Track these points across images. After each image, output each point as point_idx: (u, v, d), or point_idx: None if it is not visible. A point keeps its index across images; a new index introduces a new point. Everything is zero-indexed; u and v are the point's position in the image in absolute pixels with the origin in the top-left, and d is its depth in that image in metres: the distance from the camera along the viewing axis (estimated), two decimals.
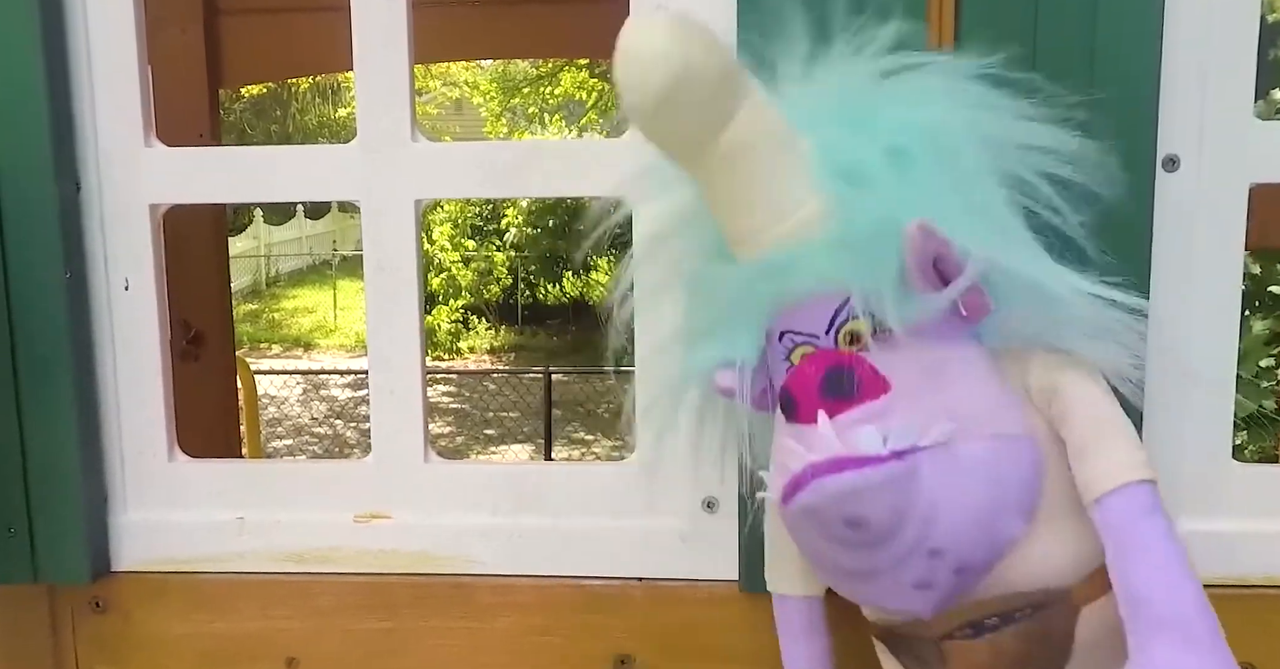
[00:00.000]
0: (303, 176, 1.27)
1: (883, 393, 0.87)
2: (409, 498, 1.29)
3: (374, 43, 1.23)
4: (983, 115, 0.92)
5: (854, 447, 0.85)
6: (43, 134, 1.21)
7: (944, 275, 0.86)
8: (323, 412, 9.87)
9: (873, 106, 0.91)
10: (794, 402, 0.90)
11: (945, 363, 0.89)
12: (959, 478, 0.86)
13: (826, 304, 0.89)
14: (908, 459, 0.85)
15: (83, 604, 1.32)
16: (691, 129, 0.86)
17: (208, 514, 1.31)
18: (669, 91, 0.82)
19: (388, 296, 1.27)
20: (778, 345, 0.93)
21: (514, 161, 1.24)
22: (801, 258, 0.88)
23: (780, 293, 0.91)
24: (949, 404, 0.88)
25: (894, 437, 0.85)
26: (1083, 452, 0.87)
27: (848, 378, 0.88)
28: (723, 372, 0.95)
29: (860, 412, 0.87)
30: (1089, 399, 0.89)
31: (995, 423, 0.89)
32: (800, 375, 0.90)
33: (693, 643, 1.26)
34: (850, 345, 0.89)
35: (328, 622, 1.30)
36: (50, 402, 1.24)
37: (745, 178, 0.88)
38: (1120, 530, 0.84)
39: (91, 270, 1.28)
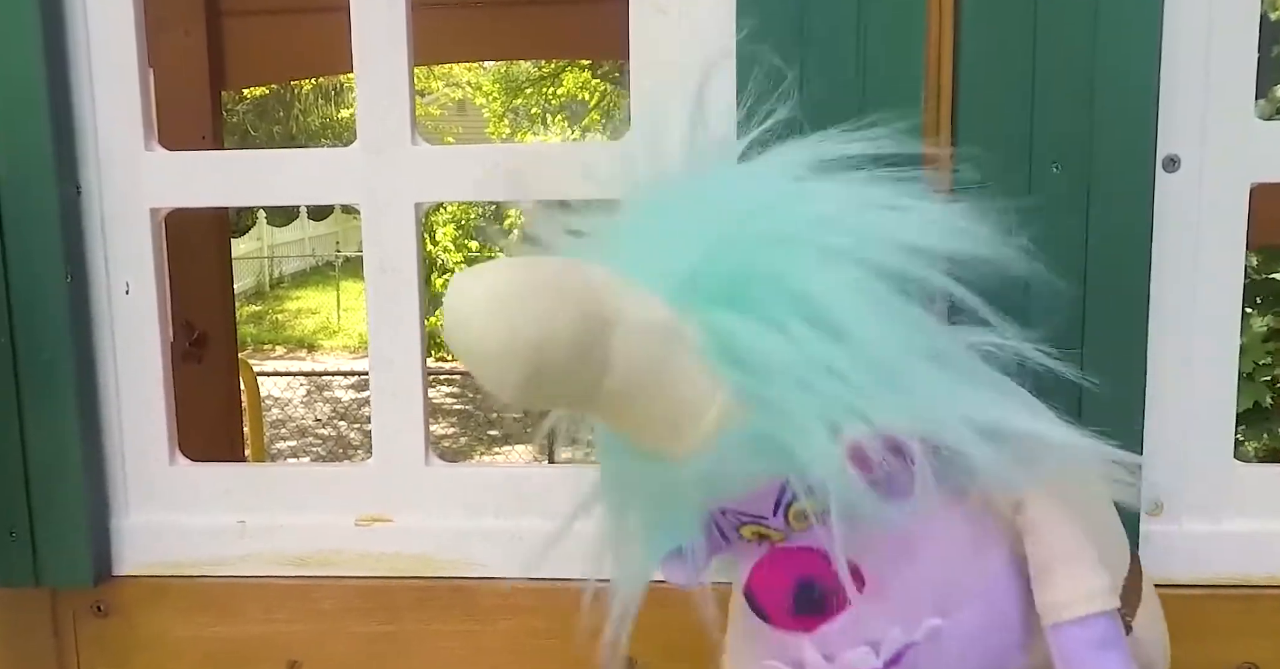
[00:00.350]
0: (303, 180, 1.27)
1: (848, 602, 0.82)
2: (410, 501, 1.29)
3: (374, 45, 1.23)
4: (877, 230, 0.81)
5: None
6: (43, 137, 1.22)
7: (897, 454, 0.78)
8: (326, 413, 9.88)
9: (749, 269, 0.80)
10: (764, 613, 0.87)
11: (908, 534, 0.82)
12: (954, 654, 0.83)
13: (768, 490, 0.83)
14: (903, 661, 0.82)
15: (85, 608, 1.32)
16: (570, 394, 0.76)
17: (209, 517, 1.31)
18: (525, 379, 0.70)
19: (389, 299, 1.27)
20: (720, 518, 0.87)
21: (515, 164, 1.24)
22: (726, 462, 0.79)
23: (713, 492, 0.84)
24: (927, 580, 0.83)
25: (886, 646, 0.82)
26: (1045, 573, 0.84)
27: (818, 592, 0.83)
28: (670, 565, 0.90)
29: (842, 622, 0.83)
30: (1052, 519, 0.85)
31: (977, 574, 0.85)
32: (765, 585, 0.86)
33: (696, 645, 1.26)
34: (801, 523, 0.83)
35: (330, 625, 1.30)
36: (51, 405, 1.25)
37: (642, 405, 0.78)
38: (1074, 663, 0.82)
39: (92, 274, 1.28)
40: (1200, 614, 1.15)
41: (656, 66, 1.19)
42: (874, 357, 0.77)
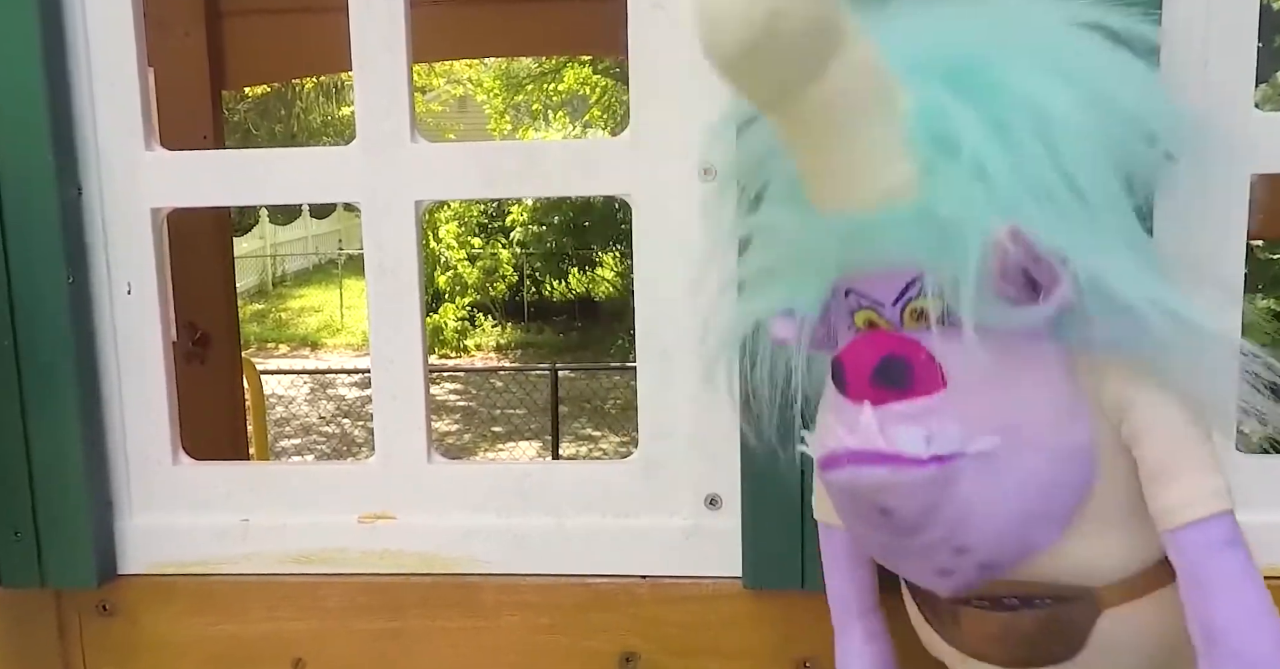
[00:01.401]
0: (303, 179, 1.28)
1: (937, 390, 0.83)
2: (413, 498, 1.29)
3: (373, 45, 1.23)
4: (1105, 86, 0.84)
5: (894, 443, 0.82)
6: (44, 139, 1.22)
7: (1033, 281, 0.80)
8: (330, 410, 9.89)
9: (986, 65, 0.83)
10: (844, 378, 0.86)
11: (1012, 362, 0.83)
12: (999, 487, 0.83)
13: (899, 276, 0.85)
14: (948, 464, 0.82)
15: (90, 608, 1.33)
16: (777, 80, 0.78)
17: (213, 517, 1.32)
18: (752, 41, 0.74)
19: (390, 298, 1.27)
20: (843, 300, 0.90)
21: (514, 162, 1.24)
22: (882, 226, 0.82)
23: (854, 255, 0.86)
24: (1006, 409, 0.84)
25: (937, 441, 0.82)
26: (1158, 477, 0.83)
27: (903, 369, 0.83)
28: (781, 320, 0.92)
29: (908, 405, 0.83)
30: (1166, 420, 0.84)
31: (1054, 432, 0.84)
32: (856, 353, 0.86)
33: (697, 640, 1.26)
34: (915, 322, 0.85)
35: (334, 622, 1.30)
36: (54, 406, 1.25)
37: (834, 134, 0.81)
38: (1199, 564, 0.82)
39: (93, 275, 1.28)
40: None
41: (655, 62, 1.19)
42: (1066, 183, 0.80)
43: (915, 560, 0.90)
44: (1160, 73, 0.90)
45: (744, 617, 1.25)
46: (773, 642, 1.23)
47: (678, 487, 1.25)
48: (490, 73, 14.88)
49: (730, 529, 1.23)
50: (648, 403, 1.25)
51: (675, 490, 1.25)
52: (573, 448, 8.77)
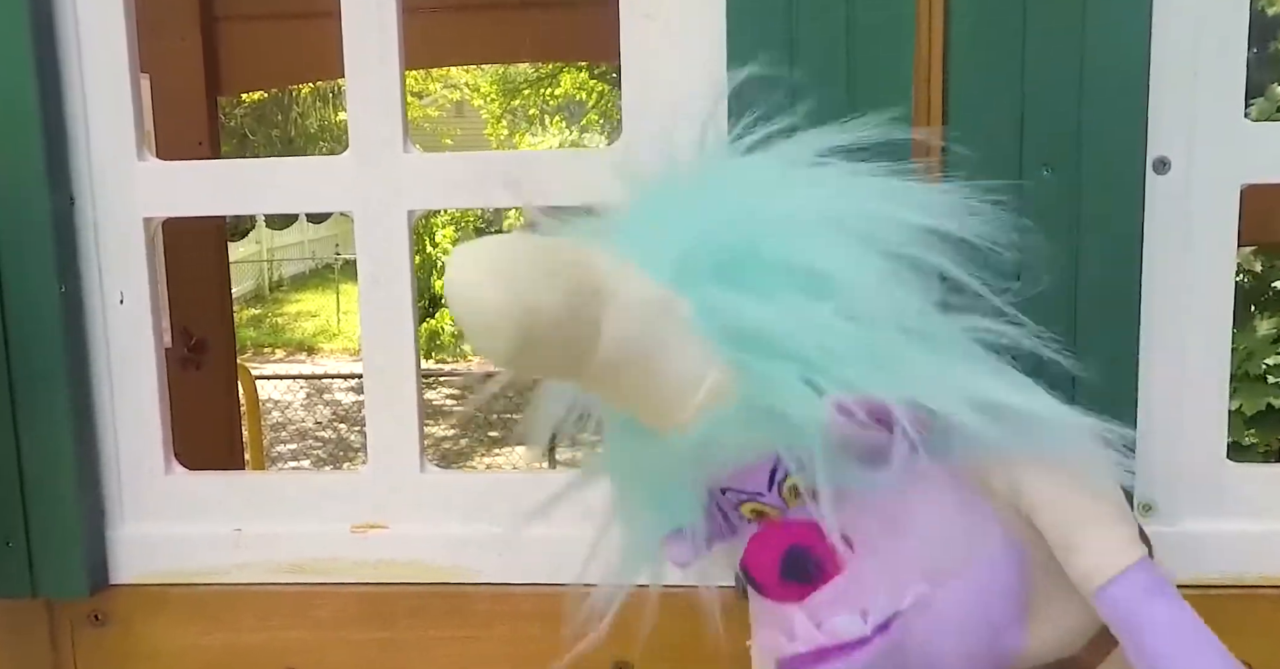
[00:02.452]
0: (295, 188, 1.28)
1: (840, 568, 0.84)
2: (406, 508, 1.29)
3: (365, 54, 1.23)
4: (873, 210, 0.84)
5: (835, 636, 0.83)
6: (36, 148, 1.22)
7: (881, 421, 0.80)
8: (327, 416, 9.88)
9: (749, 248, 0.83)
10: (757, 584, 0.88)
11: (899, 504, 0.84)
12: (947, 624, 0.84)
13: (761, 465, 0.85)
14: (893, 628, 0.83)
15: (82, 618, 1.33)
16: (559, 365, 0.79)
17: (205, 526, 1.31)
18: (517, 353, 0.74)
19: (382, 308, 1.27)
20: (723, 498, 0.89)
21: (506, 171, 1.24)
22: (719, 435, 0.81)
23: (709, 467, 0.86)
24: (917, 552, 0.84)
25: (874, 613, 0.83)
26: (1064, 546, 0.84)
27: (805, 560, 0.85)
28: (672, 543, 0.91)
29: (831, 590, 0.84)
30: (1053, 487, 0.85)
31: (968, 547, 0.85)
32: (756, 561, 0.88)
33: (692, 649, 1.26)
34: (796, 499, 0.85)
35: (326, 632, 1.30)
36: (46, 416, 1.25)
37: (634, 378, 0.81)
38: (1128, 619, 0.82)
39: (86, 284, 1.28)
40: None
41: (647, 72, 1.19)
42: (865, 328, 0.80)
43: None
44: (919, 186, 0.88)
45: (738, 626, 1.24)
46: None
47: None
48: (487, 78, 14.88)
49: None
50: None
51: None
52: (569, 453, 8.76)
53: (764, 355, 0.80)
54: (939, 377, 0.81)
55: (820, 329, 0.80)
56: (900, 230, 0.84)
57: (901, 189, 0.86)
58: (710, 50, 1.14)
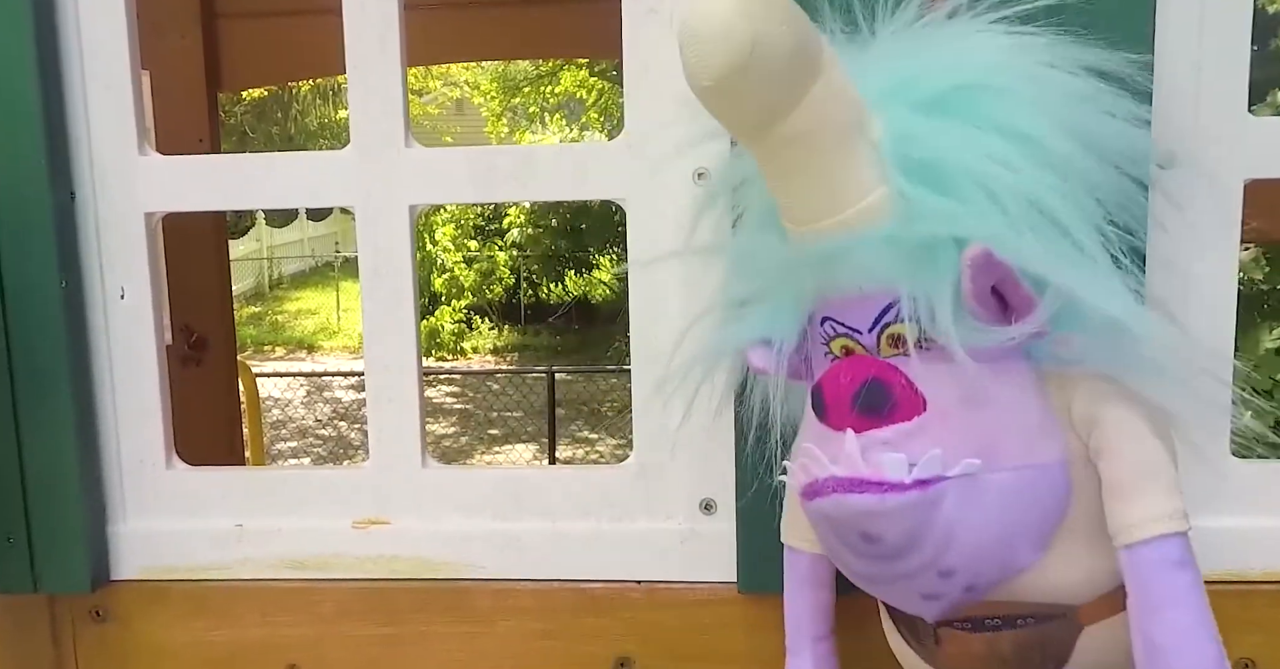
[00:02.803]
0: (297, 183, 1.27)
1: (917, 413, 0.84)
2: (407, 504, 1.29)
3: (367, 49, 1.23)
4: (1072, 111, 0.86)
5: (878, 470, 0.83)
6: (37, 143, 1.22)
7: (1005, 301, 0.82)
8: (327, 413, 9.88)
9: (959, 94, 0.85)
10: (824, 405, 0.87)
11: (986, 383, 0.84)
12: (981, 508, 0.84)
13: (874, 301, 0.86)
14: (931, 488, 0.82)
15: (83, 613, 1.33)
16: (755, 110, 0.80)
17: (207, 522, 1.31)
18: (732, 71, 0.76)
19: (384, 303, 1.27)
20: (819, 328, 0.90)
21: (508, 166, 1.24)
22: (855, 251, 0.84)
23: (829, 282, 0.87)
24: (983, 429, 0.84)
25: (921, 466, 0.82)
26: (1117, 493, 0.84)
27: (884, 394, 0.84)
28: (758, 349, 0.93)
29: (891, 431, 0.84)
30: (1132, 438, 0.85)
31: (1028, 451, 0.85)
32: (834, 380, 0.87)
33: (692, 644, 1.26)
34: (892, 348, 0.86)
35: (328, 628, 1.30)
36: (48, 411, 1.25)
37: (808, 161, 0.83)
38: (1148, 581, 0.82)
39: (87, 279, 1.28)
40: None
41: (649, 66, 1.19)
42: (1043, 200, 0.81)
43: (900, 586, 0.90)
44: (1146, 107, 0.90)
45: (739, 621, 1.25)
46: (767, 646, 1.23)
47: (672, 491, 1.25)
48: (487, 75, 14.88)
49: (725, 533, 1.23)
50: (642, 407, 1.24)
51: (670, 495, 1.25)
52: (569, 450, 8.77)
53: (934, 191, 0.81)
54: (1095, 278, 0.81)
55: (999, 187, 0.81)
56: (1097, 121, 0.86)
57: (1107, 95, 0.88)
58: None
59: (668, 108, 1.18)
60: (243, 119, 16.19)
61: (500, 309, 13.93)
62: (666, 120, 1.18)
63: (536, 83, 14.17)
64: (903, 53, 0.89)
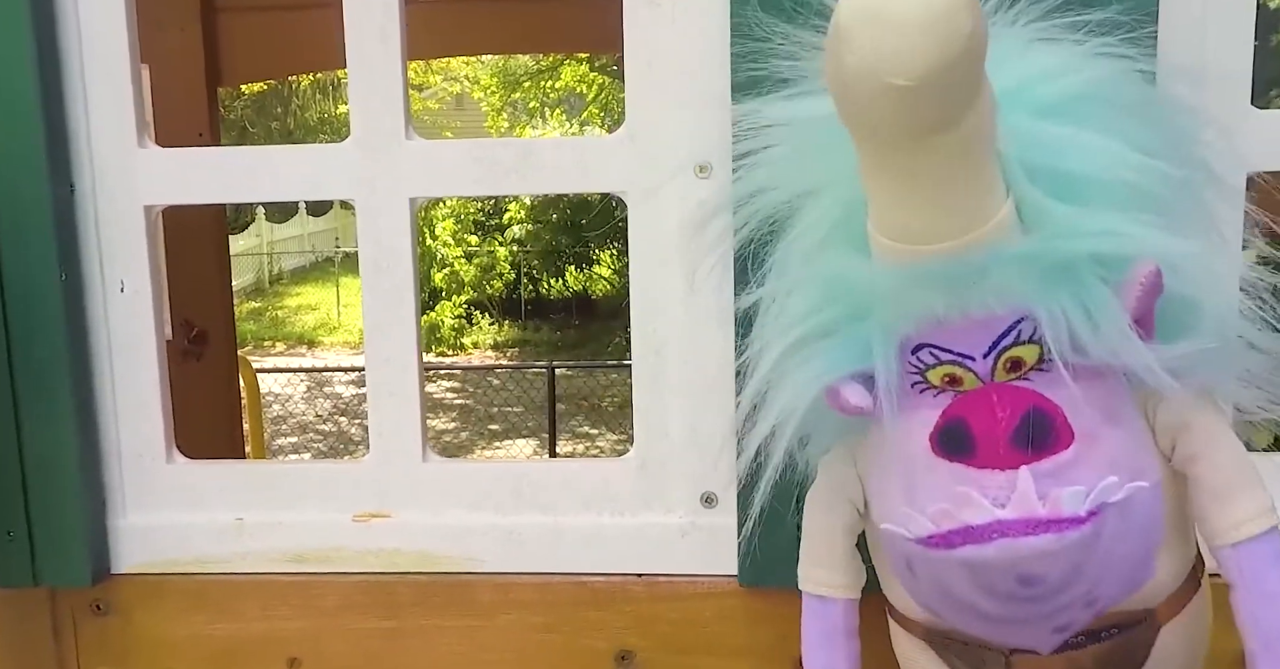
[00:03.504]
0: (297, 176, 1.27)
1: (1071, 441, 0.79)
2: (408, 497, 1.29)
3: (367, 41, 1.22)
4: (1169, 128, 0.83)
5: (1057, 507, 0.78)
6: (36, 136, 1.21)
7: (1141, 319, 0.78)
8: (327, 409, 9.87)
9: (1072, 98, 0.80)
10: (972, 441, 0.80)
11: (1114, 403, 0.82)
12: (1129, 532, 0.81)
13: (993, 323, 0.79)
14: (1099, 518, 0.79)
15: (84, 607, 1.32)
16: (939, 114, 0.68)
17: (207, 515, 1.31)
18: (944, 67, 0.64)
19: (385, 296, 1.26)
20: (909, 358, 0.83)
21: (509, 159, 1.24)
22: (991, 269, 0.76)
23: (948, 303, 0.79)
24: (1127, 448, 0.82)
25: (1095, 496, 0.78)
26: (1219, 495, 0.83)
27: (1047, 425, 0.79)
28: (850, 386, 0.83)
29: (1053, 463, 0.79)
30: (1226, 441, 0.84)
31: (1153, 465, 0.83)
32: (984, 412, 0.80)
33: (693, 637, 1.26)
34: (1009, 373, 0.81)
35: (329, 621, 1.30)
36: (47, 405, 1.24)
37: (948, 176, 0.73)
38: (1260, 577, 0.82)
39: (87, 273, 1.28)
40: None
41: (650, 59, 1.18)
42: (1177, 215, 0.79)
43: (1036, 624, 0.85)
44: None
45: (740, 615, 1.24)
46: (768, 640, 1.23)
47: (674, 485, 1.25)
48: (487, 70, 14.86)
49: (726, 527, 1.23)
50: (643, 401, 1.24)
51: (671, 489, 1.25)
52: (570, 446, 8.77)
53: (1065, 201, 0.76)
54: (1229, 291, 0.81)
55: (1138, 188, 0.77)
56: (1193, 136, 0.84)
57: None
58: (714, 36, 1.14)
59: (670, 101, 1.18)
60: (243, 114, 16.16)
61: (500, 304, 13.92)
62: (668, 113, 1.18)
63: (537, 78, 14.16)
64: (1004, 53, 0.80)
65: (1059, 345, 0.77)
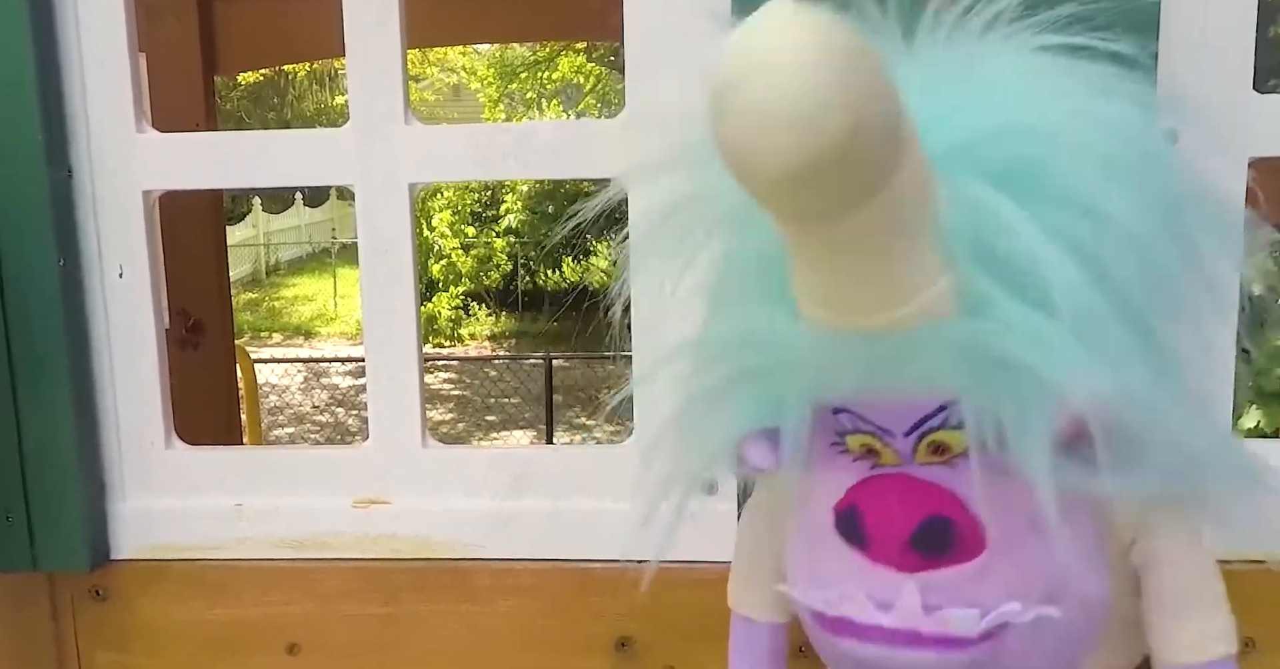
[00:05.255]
0: (296, 161, 1.27)
1: (981, 550, 0.73)
2: (407, 483, 1.29)
3: (366, 24, 1.22)
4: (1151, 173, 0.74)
5: (944, 625, 0.73)
6: (33, 120, 1.21)
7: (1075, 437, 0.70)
8: (324, 399, 9.87)
9: (1038, 159, 0.71)
10: (865, 535, 0.76)
11: (1052, 505, 0.70)
12: (1039, 653, 0.76)
13: (919, 403, 0.74)
14: (996, 639, 0.74)
15: (83, 592, 1.32)
16: (835, 202, 0.60)
17: (206, 501, 1.31)
18: (823, 163, 0.55)
19: (384, 281, 1.26)
20: (828, 417, 0.78)
21: (508, 144, 1.23)
22: (921, 350, 0.69)
23: (871, 379, 0.73)
24: (1051, 563, 0.74)
25: (991, 617, 0.73)
26: (1171, 610, 0.79)
27: (946, 533, 0.73)
28: (756, 443, 0.79)
29: (950, 576, 0.73)
30: (1188, 552, 0.79)
31: (1086, 580, 0.77)
32: (882, 511, 0.76)
33: (693, 624, 1.26)
34: (931, 456, 0.75)
35: (328, 607, 1.30)
36: (46, 390, 1.24)
37: (873, 249, 0.65)
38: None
39: (85, 258, 1.27)
40: None
41: (650, 45, 1.18)
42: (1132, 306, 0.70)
43: None
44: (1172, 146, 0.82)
45: None
46: None
47: None
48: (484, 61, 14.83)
49: (726, 514, 1.22)
50: (643, 387, 1.24)
51: None
52: (566, 436, 8.77)
53: (1009, 287, 0.68)
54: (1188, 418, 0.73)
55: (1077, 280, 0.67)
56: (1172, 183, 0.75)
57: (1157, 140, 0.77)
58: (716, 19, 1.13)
59: (669, 85, 1.17)
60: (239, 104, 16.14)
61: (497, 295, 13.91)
62: (668, 98, 1.17)
63: (533, 68, 14.12)
64: (956, 79, 0.75)
65: (980, 442, 0.70)
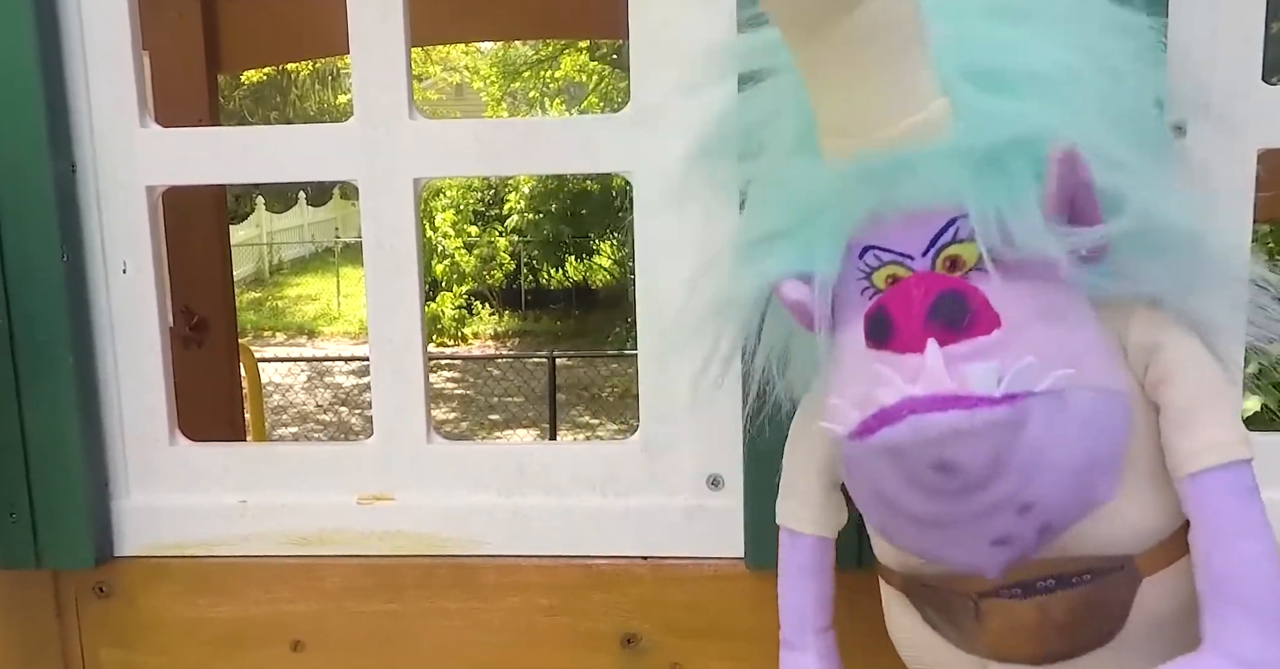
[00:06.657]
0: (300, 156, 1.26)
1: (995, 327, 0.77)
2: (412, 479, 1.28)
3: (371, 19, 1.21)
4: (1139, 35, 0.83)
5: (964, 383, 0.75)
6: (37, 115, 1.20)
7: (1076, 211, 0.77)
8: (327, 399, 9.87)
9: (1023, 13, 0.81)
10: (892, 324, 0.80)
11: (1056, 304, 0.79)
12: (1065, 431, 0.77)
13: (930, 221, 0.79)
14: (1019, 404, 0.75)
15: (86, 589, 1.32)
16: (826, 2, 0.74)
17: (211, 498, 1.31)
18: None
19: (388, 277, 1.26)
20: (855, 262, 0.83)
21: (513, 139, 1.23)
22: (920, 163, 0.77)
23: (882, 200, 0.80)
24: (1063, 344, 0.78)
25: (1011, 378, 0.75)
26: (1183, 420, 0.80)
27: (962, 305, 0.78)
28: (792, 283, 0.84)
29: (970, 346, 0.76)
30: (1194, 364, 0.81)
31: (1104, 373, 0.79)
32: (902, 296, 0.80)
33: (699, 620, 1.26)
34: (950, 271, 0.80)
35: (333, 604, 1.29)
36: (50, 386, 1.24)
37: (865, 64, 0.76)
38: (1217, 511, 0.78)
39: (89, 253, 1.27)
40: None
41: (656, 37, 1.17)
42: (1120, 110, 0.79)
43: (970, 531, 0.81)
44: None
45: (746, 597, 1.24)
46: (775, 622, 1.22)
47: (679, 467, 1.24)
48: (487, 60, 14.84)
49: (732, 509, 1.22)
50: (649, 382, 1.24)
51: (676, 470, 1.24)
52: (570, 435, 8.77)
53: (1001, 99, 0.77)
54: (1168, 189, 0.80)
55: (1071, 99, 0.77)
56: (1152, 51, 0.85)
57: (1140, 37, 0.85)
58: (721, 12, 1.13)
59: (675, 78, 1.17)
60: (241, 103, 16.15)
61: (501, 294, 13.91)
62: (674, 91, 1.17)
63: (536, 67, 14.13)
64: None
65: (988, 240, 0.77)
